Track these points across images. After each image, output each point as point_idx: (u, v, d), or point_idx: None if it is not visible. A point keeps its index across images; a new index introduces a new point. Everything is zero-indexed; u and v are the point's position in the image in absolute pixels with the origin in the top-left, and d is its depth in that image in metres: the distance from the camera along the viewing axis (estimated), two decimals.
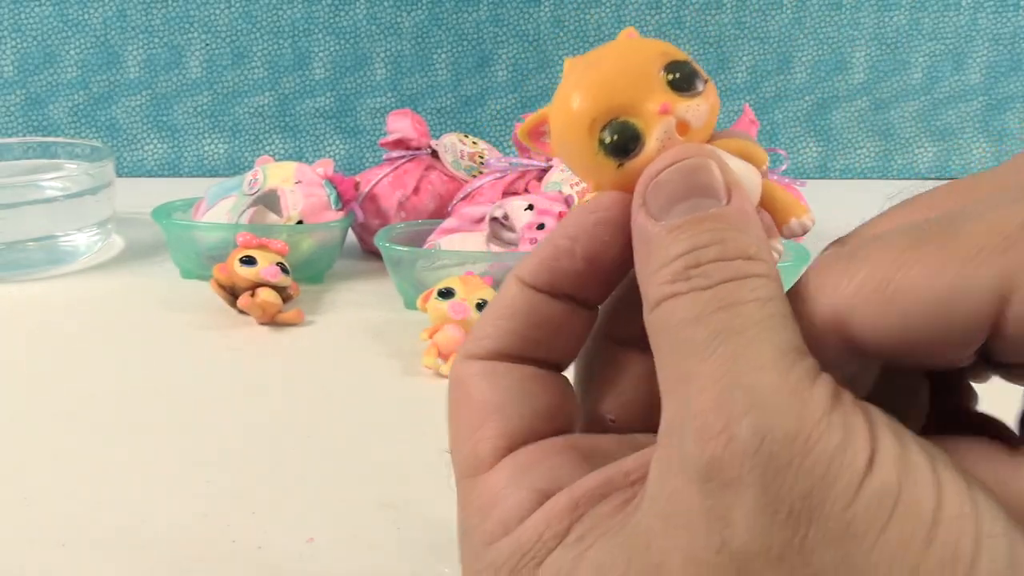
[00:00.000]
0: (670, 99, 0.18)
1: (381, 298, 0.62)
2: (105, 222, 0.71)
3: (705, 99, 0.19)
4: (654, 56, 0.19)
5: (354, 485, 0.39)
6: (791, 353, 0.16)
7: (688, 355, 0.16)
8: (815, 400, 0.15)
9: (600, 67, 0.19)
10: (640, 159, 0.18)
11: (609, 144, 0.18)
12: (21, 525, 0.36)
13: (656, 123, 0.18)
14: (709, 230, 0.17)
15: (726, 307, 0.16)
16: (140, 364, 0.51)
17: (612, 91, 0.18)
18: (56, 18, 0.96)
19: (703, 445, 0.15)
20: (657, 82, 0.18)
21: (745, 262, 0.17)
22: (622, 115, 0.18)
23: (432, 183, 0.71)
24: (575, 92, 0.19)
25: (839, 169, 1.06)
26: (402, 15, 0.99)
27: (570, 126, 0.19)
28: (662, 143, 0.18)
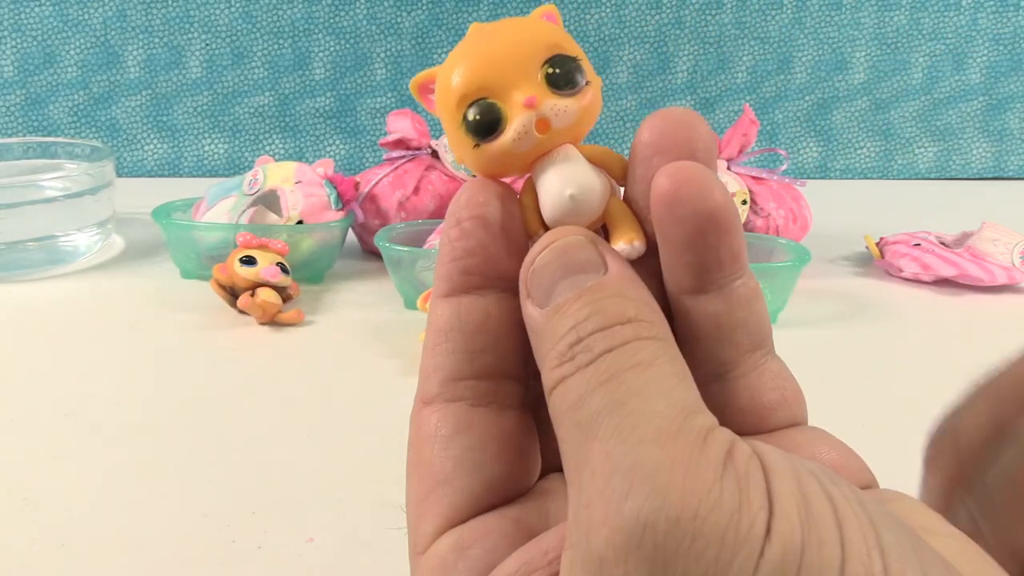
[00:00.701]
0: (540, 93, 0.18)
1: (381, 298, 0.62)
2: (105, 222, 0.71)
3: (578, 100, 0.18)
4: (542, 46, 0.18)
5: (354, 485, 0.39)
6: (677, 418, 0.15)
7: (580, 439, 0.15)
8: (705, 466, 0.14)
9: (489, 43, 0.18)
10: (494, 145, 0.18)
11: (470, 122, 0.18)
12: (21, 525, 0.36)
13: (518, 114, 0.18)
14: (587, 303, 0.17)
15: (607, 380, 0.15)
16: (140, 364, 0.51)
17: (488, 71, 0.18)
18: (56, 18, 0.96)
19: (592, 541, 0.14)
20: (534, 73, 0.18)
21: (623, 327, 0.16)
22: (491, 97, 0.18)
23: (432, 183, 0.71)
24: (458, 63, 0.18)
25: (839, 169, 1.06)
26: (402, 15, 0.99)
27: (443, 95, 0.19)
28: (518, 135, 0.18)
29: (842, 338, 0.57)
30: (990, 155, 1.06)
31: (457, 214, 0.19)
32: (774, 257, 0.62)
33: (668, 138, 0.18)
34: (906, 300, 0.64)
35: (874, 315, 0.62)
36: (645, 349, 0.16)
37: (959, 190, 1.02)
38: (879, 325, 0.60)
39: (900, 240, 0.69)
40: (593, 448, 0.15)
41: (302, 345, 0.55)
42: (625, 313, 0.16)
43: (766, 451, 0.15)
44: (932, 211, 0.92)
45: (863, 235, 0.72)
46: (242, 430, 0.44)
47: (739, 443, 0.15)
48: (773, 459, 0.15)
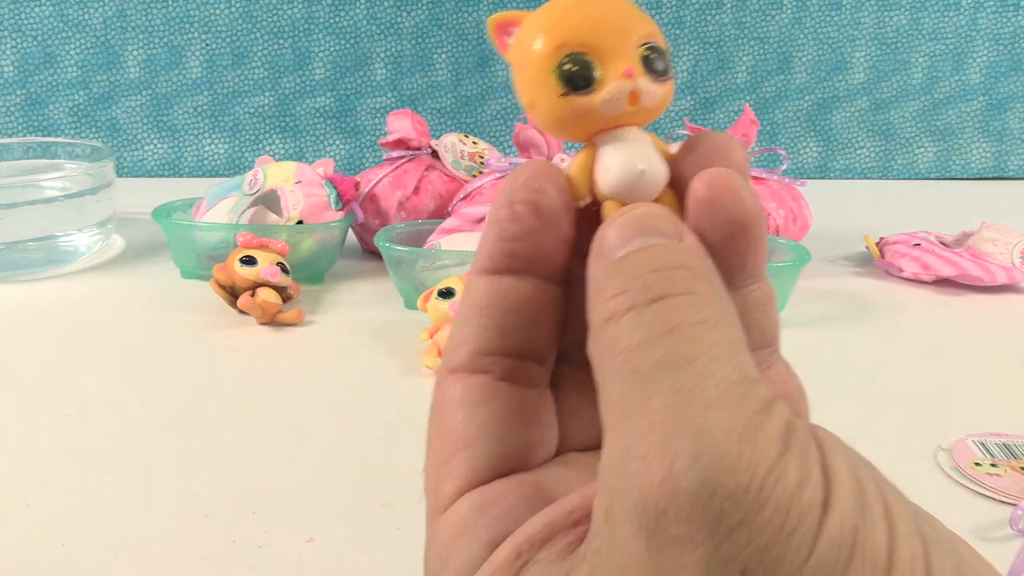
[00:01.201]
0: (638, 69, 0.19)
1: (381, 298, 0.62)
2: (105, 222, 0.71)
3: (664, 88, 0.19)
4: (644, 28, 0.19)
5: (354, 485, 0.39)
6: (742, 384, 0.15)
7: (634, 386, 0.15)
8: (768, 439, 0.14)
9: (596, 6, 0.19)
10: (583, 100, 0.19)
11: (565, 71, 0.18)
12: (22, 525, 0.36)
13: (615, 79, 0.18)
14: (655, 251, 0.17)
15: (670, 331, 0.15)
16: (140, 364, 0.51)
17: (595, 29, 0.19)
18: (56, 18, 0.96)
19: (647, 495, 0.14)
20: (633, 49, 0.19)
21: (686, 272, 0.16)
22: (590, 54, 0.19)
23: (432, 183, 0.71)
24: (564, 13, 0.19)
25: (839, 169, 1.06)
26: (402, 15, 0.99)
27: (536, 37, 0.19)
28: (611, 98, 0.18)
29: (842, 338, 0.57)
30: (990, 155, 1.06)
31: (512, 195, 0.19)
32: (774, 257, 0.62)
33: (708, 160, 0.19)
34: (906, 300, 0.64)
35: (874, 315, 0.62)
36: (711, 308, 0.16)
37: (959, 190, 1.02)
38: (879, 325, 0.60)
39: (900, 240, 0.69)
40: (652, 400, 0.15)
41: (302, 345, 0.55)
42: (687, 261, 0.16)
43: (816, 428, 0.15)
44: (932, 211, 0.92)
45: (863, 235, 0.72)
46: (242, 430, 0.44)
47: (795, 417, 0.15)
48: (825, 437, 0.15)
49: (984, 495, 0.39)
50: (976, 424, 0.44)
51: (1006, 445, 0.42)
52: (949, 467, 0.41)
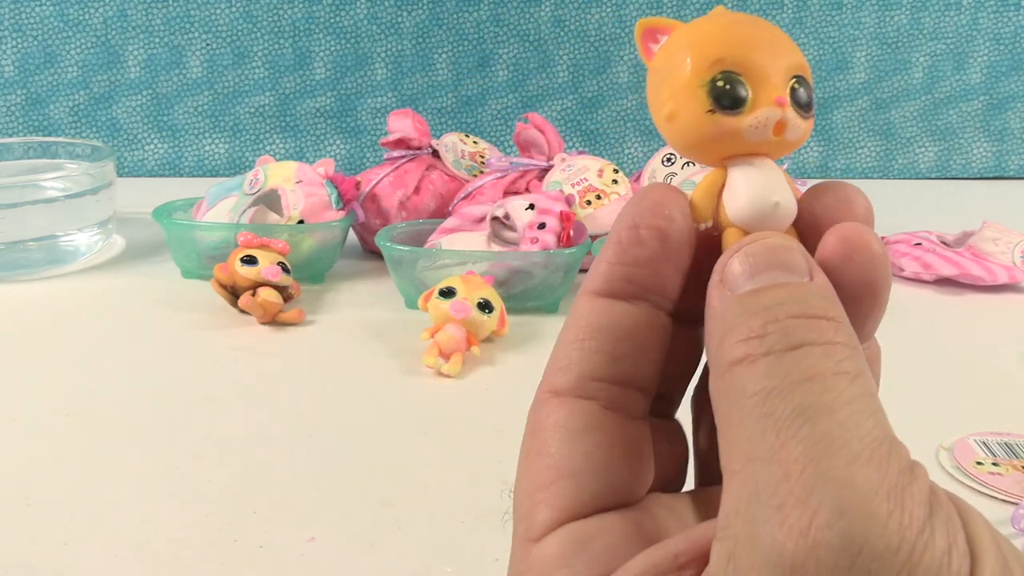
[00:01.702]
0: (788, 100, 0.18)
1: (382, 298, 0.62)
2: (106, 222, 0.71)
3: (807, 124, 0.19)
4: (796, 59, 0.19)
5: (355, 484, 0.39)
6: (885, 442, 0.14)
7: (765, 432, 0.14)
8: (916, 502, 0.14)
9: (755, 29, 0.19)
10: (730, 120, 0.18)
11: (718, 87, 0.18)
12: (24, 525, 0.36)
13: (766, 105, 0.18)
14: (791, 292, 0.16)
15: (810, 379, 0.15)
16: (141, 364, 0.51)
17: (753, 51, 0.18)
18: (56, 18, 0.96)
19: (783, 546, 0.14)
20: (785, 78, 0.18)
21: (828, 323, 0.15)
22: (744, 75, 0.18)
23: (433, 183, 0.71)
24: (724, 27, 0.18)
25: (840, 169, 1.06)
26: (403, 15, 0.99)
27: (698, 49, 0.18)
28: (758, 123, 0.18)
29: None
30: (991, 155, 1.06)
31: (636, 218, 0.18)
32: None
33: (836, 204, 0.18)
34: (907, 299, 0.64)
35: None
36: (852, 360, 0.15)
37: (960, 190, 1.02)
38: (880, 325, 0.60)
39: (901, 239, 0.69)
40: (788, 447, 0.14)
41: (303, 345, 0.54)
42: (829, 311, 0.16)
43: (954, 496, 0.15)
44: (933, 211, 0.92)
45: None
46: (243, 430, 0.44)
47: (935, 485, 0.14)
48: (963, 505, 0.15)
49: (986, 494, 0.39)
50: (978, 423, 0.44)
51: (1008, 444, 0.42)
52: (951, 466, 0.41)
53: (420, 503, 0.38)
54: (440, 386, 0.49)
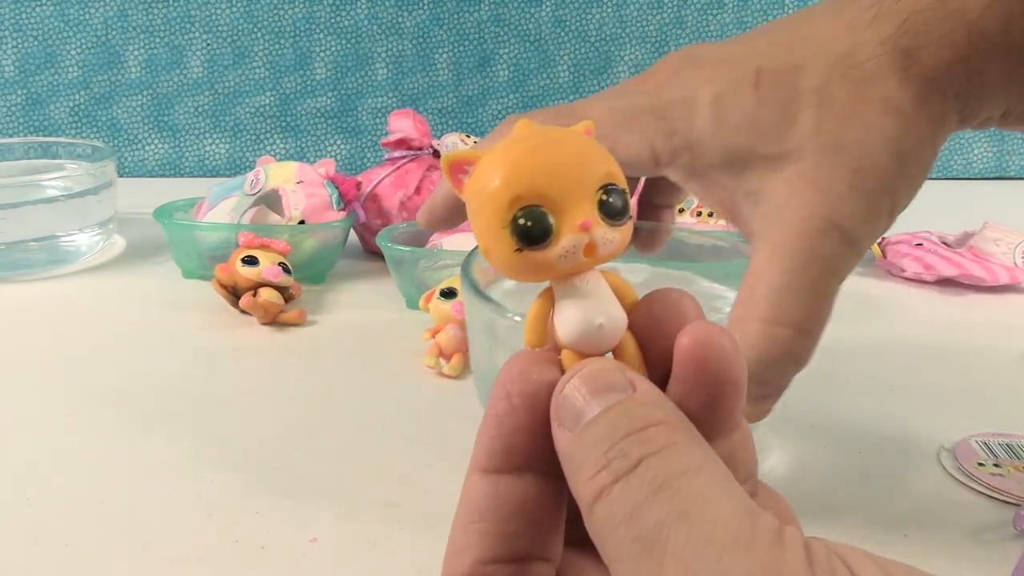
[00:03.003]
0: (594, 219, 0.18)
1: (383, 298, 0.62)
2: (106, 222, 0.71)
3: (622, 233, 0.18)
4: (601, 170, 0.18)
5: (357, 485, 0.39)
6: (746, 518, 0.15)
7: (641, 556, 0.15)
8: (794, 569, 0.14)
9: (550, 151, 0.18)
10: (538, 255, 0.18)
11: (520, 226, 0.18)
12: (25, 526, 0.36)
13: (570, 233, 0.18)
14: (617, 413, 0.17)
15: (659, 489, 0.15)
16: (142, 364, 0.51)
17: (550, 179, 0.18)
18: (57, 18, 0.96)
19: None
20: (590, 196, 0.18)
21: (657, 429, 0.16)
22: (545, 207, 0.18)
23: (434, 183, 0.71)
24: (515, 161, 0.18)
25: None
26: (403, 15, 0.99)
27: (490, 189, 0.18)
28: (565, 253, 0.18)
29: (844, 338, 0.57)
30: (992, 155, 1.06)
31: (508, 386, 0.18)
32: None
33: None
34: (908, 300, 0.64)
35: (876, 315, 0.62)
36: (688, 453, 0.16)
37: (961, 190, 1.02)
38: (881, 325, 0.60)
39: (902, 240, 0.69)
40: (666, 565, 0.14)
41: (304, 345, 0.54)
42: (654, 416, 0.16)
43: (837, 546, 0.15)
44: (934, 211, 0.92)
45: None
46: (244, 430, 0.44)
47: (811, 540, 0.15)
48: (847, 552, 0.15)
49: (987, 495, 0.39)
50: (979, 424, 0.44)
51: (1010, 445, 0.42)
52: (952, 467, 0.41)
53: (422, 504, 0.38)
54: (441, 386, 0.49)
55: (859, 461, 0.42)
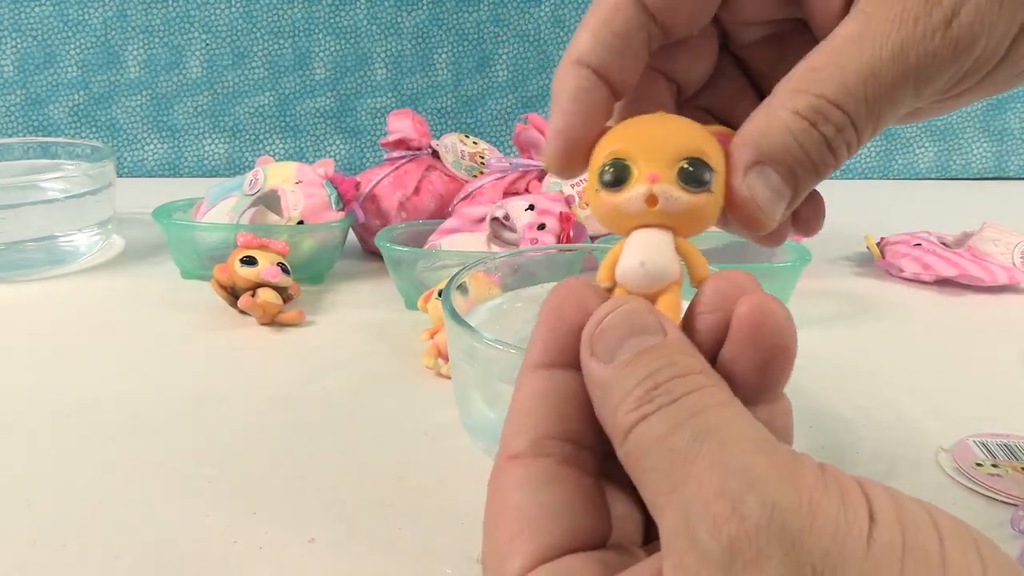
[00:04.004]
0: (665, 176, 0.21)
1: (382, 298, 0.62)
2: (106, 222, 0.71)
3: (691, 197, 0.21)
4: (693, 146, 0.22)
5: (355, 485, 0.39)
6: (770, 441, 0.17)
7: (675, 463, 0.17)
8: (805, 472, 0.17)
9: (652, 124, 0.23)
10: (608, 196, 0.22)
11: (603, 171, 0.22)
12: (24, 526, 0.36)
13: (639, 182, 0.21)
14: (659, 356, 0.19)
15: (697, 413, 0.18)
16: (141, 364, 0.51)
17: (638, 140, 0.22)
18: (56, 18, 0.96)
19: (718, 533, 0.16)
20: (671, 161, 0.21)
21: (698, 375, 0.18)
22: (628, 160, 0.22)
23: (433, 183, 0.71)
24: (621, 129, 0.23)
25: (840, 169, 1.06)
26: (402, 15, 0.99)
27: (600, 147, 0.23)
28: (630, 198, 0.22)
29: (843, 338, 0.57)
30: (991, 155, 1.06)
31: (558, 300, 0.21)
32: (775, 258, 0.62)
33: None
34: (907, 300, 0.64)
35: (875, 315, 0.62)
36: (723, 394, 0.18)
37: (959, 190, 1.02)
38: (880, 325, 0.60)
39: (901, 240, 0.69)
40: (697, 465, 0.17)
41: (303, 345, 0.54)
42: (696, 366, 0.19)
43: (863, 480, 0.17)
44: (932, 211, 0.92)
45: (864, 235, 0.72)
46: (243, 430, 0.44)
47: (825, 464, 0.17)
48: (871, 485, 0.17)
49: (985, 496, 0.39)
50: (977, 424, 0.44)
51: (1007, 446, 0.42)
52: (950, 467, 0.41)
53: (420, 504, 0.38)
54: (440, 387, 0.49)
55: (857, 461, 0.42)
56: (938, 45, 0.20)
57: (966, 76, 0.22)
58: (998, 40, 0.21)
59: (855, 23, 0.21)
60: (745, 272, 0.21)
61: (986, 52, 0.21)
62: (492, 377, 0.37)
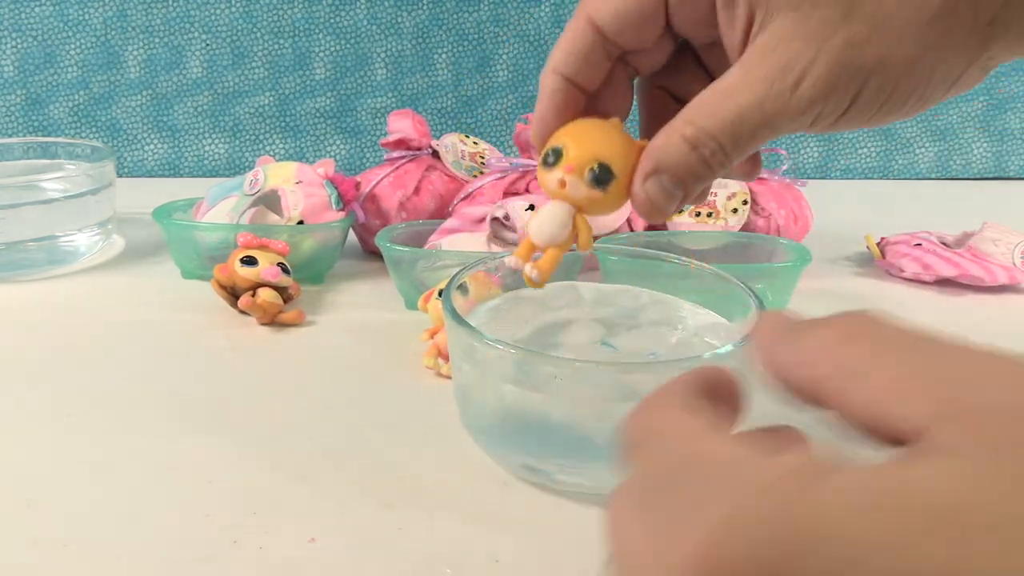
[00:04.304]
0: (577, 171, 0.30)
1: (382, 298, 0.62)
2: (106, 222, 0.71)
3: (591, 192, 0.30)
4: (607, 151, 0.30)
5: (355, 485, 0.39)
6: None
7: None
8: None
9: (593, 128, 0.31)
10: (542, 171, 0.31)
11: (545, 155, 0.31)
12: (24, 526, 0.36)
13: (559, 170, 0.30)
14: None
15: None
16: (141, 364, 0.51)
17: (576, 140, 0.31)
18: (56, 18, 0.96)
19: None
20: (588, 160, 0.30)
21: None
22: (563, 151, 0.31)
23: (433, 183, 0.71)
24: (574, 126, 0.31)
25: (840, 169, 1.06)
26: (403, 15, 0.99)
27: (554, 137, 0.32)
28: (549, 176, 0.31)
29: None
30: (991, 155, 1.06)
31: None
32: (775, 257, 0.62)
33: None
34: (907, 300, 0.64)
35: None
36: None
37: (960, 190, 1.02)
38: None
39: (901, 240, 0.69)
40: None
41: (303, 345, 0.54)
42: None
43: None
44: (933, 211, 0.92)
45: (864, 235, 0.72)
46: (243, 430, 0.44)
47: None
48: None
49: None
50: None
51: None
52: None
53: (420, 504, 0.38)
54: (440, 386, 0.49)
55: None
56: (787, 103, 0.27)
57: (819, 121, 0.28)
58: (835, 103, 0.27)
59: (735, 74, 0.28)
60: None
61: (826, 110, 0.27)
62: (492, 377, 0.37)
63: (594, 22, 0.30)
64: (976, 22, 0.26)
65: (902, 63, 0.26)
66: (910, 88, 0.27)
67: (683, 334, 0.42)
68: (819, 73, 0.26)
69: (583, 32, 0.30)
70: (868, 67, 0.26)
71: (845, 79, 0.26)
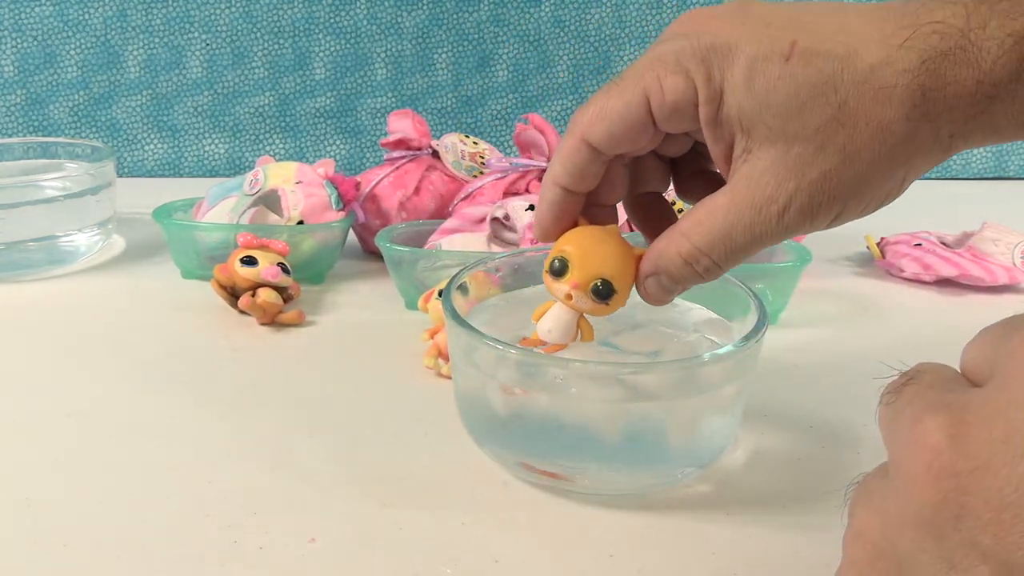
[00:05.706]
0: (581, 287, 0.34)
1: (382, 299, 0.62)
2: (106, 222, 0.71)
3: (595, 305, 0.34)
4: (609, 270, 0.34)
5: (355, 485, 0.39)
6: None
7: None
8: None
9: (598, 243, 0.35)
10: (550, 281, 0.35)
11: (550, 262, 0.35)
12: (23, 526, 0.36)
13: (566, 283, 0.34)
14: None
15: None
16: (141, 364, 0.51)
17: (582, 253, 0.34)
18: (56, 18, 0.96)
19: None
20: (592, 276, 0.34)
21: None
22: (570, 262, 0.34)
23: (433, 183, 0.71)
24: (581, 238, 0.35)
25: None
26: (403, 15, 0.99)
27: (558, 244, 0.36)
28: (558, 291, 0.35)
29: (843, 338, 0.57)
30: (991, 155, 1.06)
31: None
32: (775, 257, 0.62)
33: None
34: (907, 300, 0.64)
35: (875, 315, 0.62)
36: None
37: (959, 190, 1.02)
38: (880, 325, 0.60)
39: (901, 240, 0.69)
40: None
41: (303, 346, 0.54)
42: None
43: None
44: (933, 211, 0.92)
45: (864, 235, 0.72)
46: (243, 430, 0.44)
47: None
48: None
49: None
50: None
51: None
52: None
53: (420, 504, 0.38)
54: (440, 387, 0.49)
55: (858, 461, 0.42)
56: (771, 228, 0.30)
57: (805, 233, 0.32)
58: (819, 223, 0.31)
59: (726, 196, 0.31)
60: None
61: (812, 228, 0.31)
62: (492, 377, 0.37)
63: (588, 141, 0.33)
64: (938, 138, 0.29)
65: (876, 183, 0.30)
66: (883, 196, 0.31)
67: (684, 334, 0.42)
68: (801, 202, 0.30)
69: (578, 150, 0.33)
70: (845, 194, 0.30)
71: (826, 205, 0.30)
